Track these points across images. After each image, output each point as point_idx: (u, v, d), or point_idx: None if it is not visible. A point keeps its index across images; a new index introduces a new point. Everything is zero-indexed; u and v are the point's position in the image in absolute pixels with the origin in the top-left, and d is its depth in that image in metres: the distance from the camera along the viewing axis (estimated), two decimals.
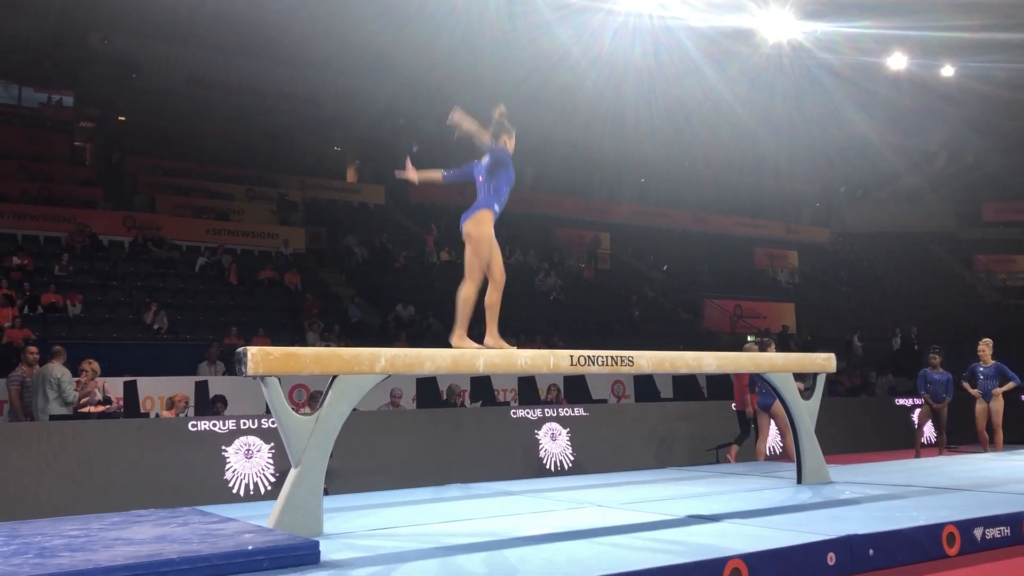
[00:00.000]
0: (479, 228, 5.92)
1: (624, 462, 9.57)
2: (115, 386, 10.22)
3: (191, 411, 10.35)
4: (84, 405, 9.28)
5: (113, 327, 14.97)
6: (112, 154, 25.02)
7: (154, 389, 10.40)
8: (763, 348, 9.49)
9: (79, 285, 15.81)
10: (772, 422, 9.74)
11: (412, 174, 6.27)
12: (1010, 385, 11.01)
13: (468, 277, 5.94)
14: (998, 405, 10.97)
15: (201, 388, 10.48)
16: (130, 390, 10.06)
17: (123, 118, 25.11)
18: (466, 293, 5.96)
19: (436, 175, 6.42)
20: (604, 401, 13.42)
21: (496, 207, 5.99)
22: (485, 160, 6.07)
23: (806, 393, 7.65)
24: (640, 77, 20.01)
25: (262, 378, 4.99)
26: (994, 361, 11.08)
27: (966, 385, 11.28)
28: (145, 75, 21.99)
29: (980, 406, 11.05)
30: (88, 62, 21.47)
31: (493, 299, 6.08)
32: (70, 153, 24.84)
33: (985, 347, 11.15)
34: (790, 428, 9.40)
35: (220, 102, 23.05)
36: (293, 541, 4.33)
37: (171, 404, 9.79)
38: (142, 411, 10.02)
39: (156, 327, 14.92)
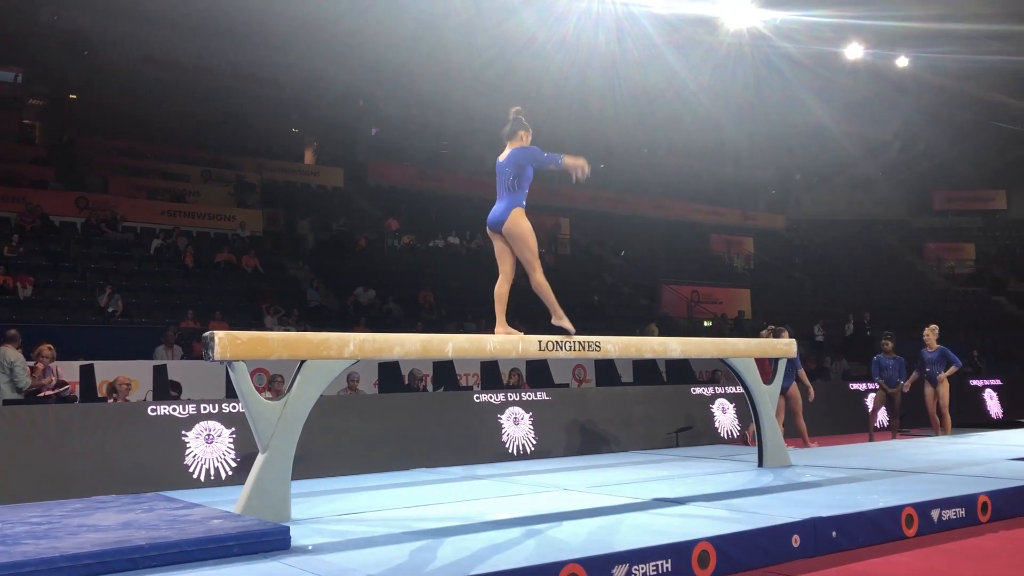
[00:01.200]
0: (522, 223, 6.10)
1: (586, 446, 9.64)
2: (70, 370, 10.02)
3: (149, 395, 10.20)
4: (40, 390, 9.09)
5: (65, 310, 14.65)
6: (63, 133, 24.44)
7: (111, 373, 10.16)
8: (777, 335, 9.80)
9: (30, 267, 15.43)
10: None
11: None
12: (953, 369, 11.31)
13: (533, 268, 6.22)
14: (944, 389, 11.27)
15: (160, 372, 10.31)
16: (87, 374, 9.86)
17: (75, 96, 24.52)
18: (539, 279, 6.28)
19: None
20: (566, 385, 13.48)
21: (524, 204, 6.17)
22: (504, 159, 6.19)
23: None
24: (605, 63, 20.04)
25: (230, 363, 4.93)
26: (939, 346, 11.36)
27: (916, 374, 11.53)
28: (98, 52, 21.48)
29: (928, 391, 11.33)
30: (38, 38, 20.90)
31: (503, 291, 6.39)
32: (19, 131, 24.21)
33: (930, 333, 11.43)
34: (798, 411, 10.18)
35: (176, 82, 22.61)
36: (263, 527, 4.29)
37: (112, 389, 9.53)
38: (99, 395, 9.83)
39: (110, 310, 14.64)
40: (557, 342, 6.22)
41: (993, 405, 15.22)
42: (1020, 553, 4.82)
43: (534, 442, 9.62)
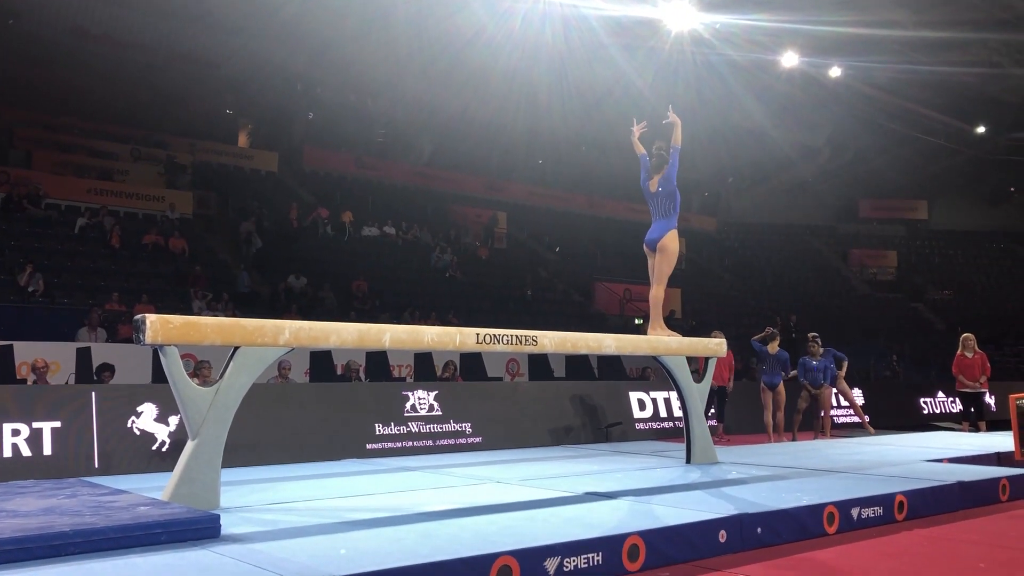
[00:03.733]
0: (675, 244, 7.35)
1: (518, 439, 9.67)
2: None
3: (72, 378, 9.90)
4: None
5: None
6: None
7: (31, 354, 9.85)
8: (770, 339, 11.00)
9: None
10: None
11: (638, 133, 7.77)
12: (846, 364, 11.97)
13: (659, 282, 7.37)
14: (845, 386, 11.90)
15: (83, 355, 10.01)
16: (5, 355, 9.53)
17: None
18: (658, 294, 7.42)
19: (641, 150, 7.77)
20: (499, 379, 13.52)
21: (676, 226, 7.40)
22: (656, 189, 7.37)
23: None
24: (552, 59, 20.10)
25: (161, 347, 4.83)
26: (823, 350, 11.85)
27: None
28: (24, 21, 20.65)
29: (826, 392, 11.84)
30: None
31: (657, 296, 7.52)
32: None
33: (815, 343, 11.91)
34: (781, 406, 10.95)
35: (107, 57, 21.84)
36: (192, 514, 4.22)
37: (34, 371, 9.27)
38: (18, 377, 9.51)
39: (31, 289, 14.17)
40: (494, 335, 6.23)
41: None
42: (933, 549, 5.02)
43: (467, 434, 9.62)
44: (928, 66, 21.83)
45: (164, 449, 7.35)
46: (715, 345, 7.99)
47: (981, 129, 29.28)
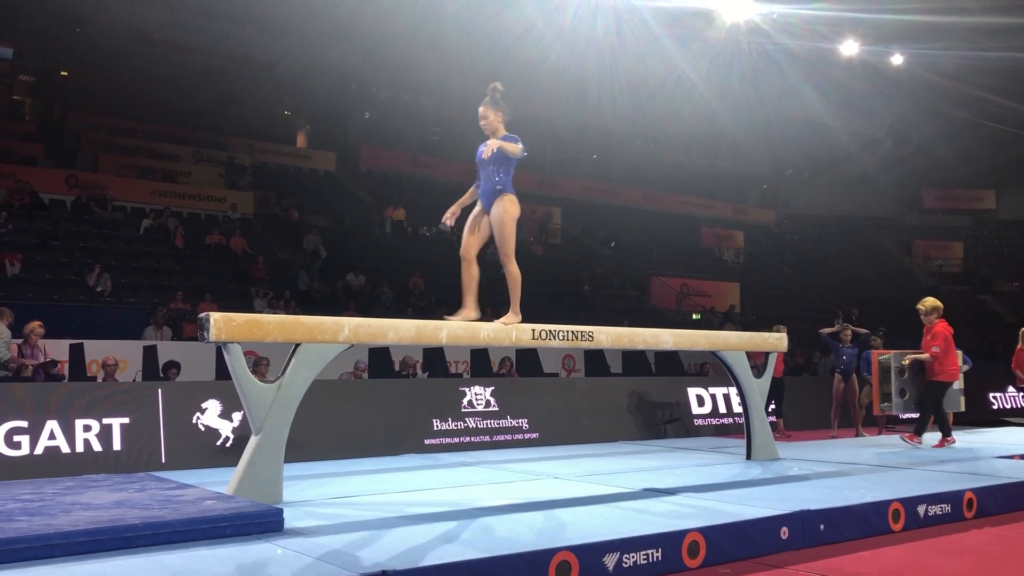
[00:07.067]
0: (515, 209, 6.40)
1: (576, 435, 9.65)
2: (59, 349, 9.98)
3: (139, 376, 10.16)
4: (22, 368, 9.04)
5: (54, 288, 14.59)
6: (53, 110, 24.26)
7: (101, 353, 10.14)
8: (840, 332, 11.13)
9: (19, 244, 15.34)
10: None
11: (451, 216, 6.74)
12: (964, 368, 11.38)
13: (505, 256, 6.52)
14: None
15: (150, 353, 10.27)
16: (76, 353, 9.82)
17: (65, 72, 24.32)
18: (511, 271, 6.55)
19: (468, 194, 6.73)
20: (555, 375, 13.51)
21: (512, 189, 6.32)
22: (494, 149, 6.28)
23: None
24: (602, 53, 20.02)
25: (224, 344, 4.93)
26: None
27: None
28: (89, 29, 21.29)
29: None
30: (28, 14, 20.69)
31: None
32: (9, 107, 24.02)
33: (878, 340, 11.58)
34: (854, 402, 11.06)
35: (168, 61, 22.43)
36: (257, 508, 4.30)
37: (104, 368, 9.55)
38: (88, 375, 9.79)
39: (99, 289, 14.58)
40: (550, 331, 6.25)
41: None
42: (1004, 549, 4.88)
43: (524, 430, 9.64)
44: (996, 52, 21.18)
45: (228, 444, 7.51)
46: (775, 340, 7.88)
47: None
